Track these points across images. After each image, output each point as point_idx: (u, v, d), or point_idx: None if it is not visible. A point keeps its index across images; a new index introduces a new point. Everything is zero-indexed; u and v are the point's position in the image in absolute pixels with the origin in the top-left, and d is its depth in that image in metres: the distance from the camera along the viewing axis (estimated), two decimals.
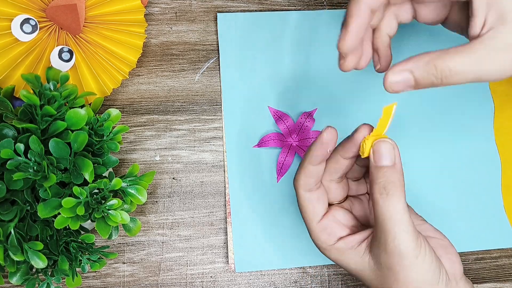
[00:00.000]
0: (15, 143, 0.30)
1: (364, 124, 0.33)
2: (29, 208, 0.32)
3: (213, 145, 0.46)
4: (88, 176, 0.32)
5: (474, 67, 0.28)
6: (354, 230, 0.35)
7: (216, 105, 0.46)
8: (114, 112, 0.35)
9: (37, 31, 0.40)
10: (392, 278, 0.31)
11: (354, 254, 0.33)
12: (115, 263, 0.43)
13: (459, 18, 0.34)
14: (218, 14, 0.47)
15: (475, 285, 0.46)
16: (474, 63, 0.28)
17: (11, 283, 0.37)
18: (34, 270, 0.34)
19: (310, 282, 0.44)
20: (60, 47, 0.41)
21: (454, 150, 0.47)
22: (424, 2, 0.33)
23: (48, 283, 0.33)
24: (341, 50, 0.32)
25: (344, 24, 0.32)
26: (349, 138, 0.33)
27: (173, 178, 0.45)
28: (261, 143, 0.45)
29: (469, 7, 0.29)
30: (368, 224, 0.36)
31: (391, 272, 0.31)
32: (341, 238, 0.34)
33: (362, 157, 0.32)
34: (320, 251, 0.35)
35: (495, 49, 0.28)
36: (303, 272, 0.45)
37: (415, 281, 0.30)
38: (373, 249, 0.32)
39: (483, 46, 0.28)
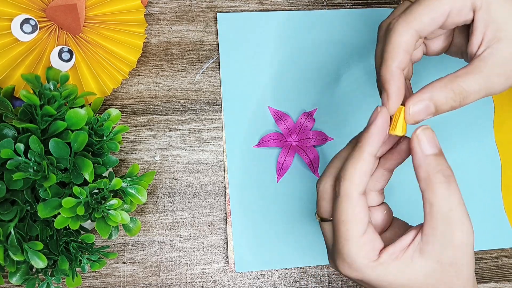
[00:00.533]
0: (15, 143, 0.30)
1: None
2: (29, 208, 0.32)
3: (213, 145, 0.46)
4: (88, 176, 0.32)
5: (484, 85, 0.29)
6: (386, 242, 0.31)
7: (216, 105, 0.46)
8: (114, 112, 0.35)
9: (37, 31, 0.40)
10: (454, 274, 0.29)
11: (401, 265, 0.29)
12: (115, 263, 0.43)
13: (460, 42, 0.35)
14: (218, 14, 0.47)
15: None
16: (483, 81, 0.29)
17: (11, 283, 0.37)
18: (34, 270, 0.34)
19: (310, 282, 0.44)
20: (60, 47, 0.41)
21: (454, 150, 0.47)
22: (433, 37, 0.34)
23: (48, 283, 0.33)
24: (390, 113, 0.31)
25: (383, 89, 0.31)
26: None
27: (173, 178, 0.45)
28: (261, 143, 0.45)
29: (469, 29, 0.30)
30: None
31: (453, 268, 0.29)
32: (381, 250, 0.30)
33: (394, 134, 0.30)
34: (351, 273, 0.30)
35: (495, 65, 0.29)
36: (303, 272, 0.45)
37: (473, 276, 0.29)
38: (427, 249, 0.29)
39: (485, 63, 0.29)
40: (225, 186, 0.45)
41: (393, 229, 0.33)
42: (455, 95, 0.29)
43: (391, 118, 0.31)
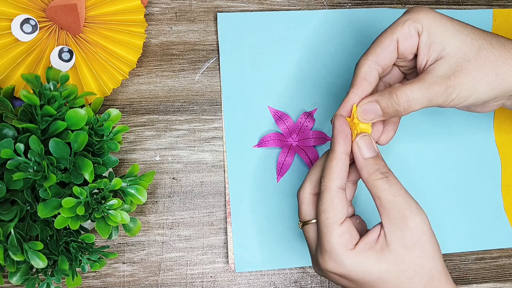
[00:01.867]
0: (15, 143, 0.30)
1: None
2: (29, 208, 0.32)
3: (213, 145, 0.46)
4: (88, 176, 0.32)
5: (426, 93, 0.34)
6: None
7: (216, 105, 0.46)
8: (114, 112, 0.35)
9: (37, 31, 0.40)
10: (420, 255, 0.32)
11: (375, 254, 0.33)
12: (115, 263, 0.43)
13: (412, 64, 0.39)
14: (218, 14, 0.47)
15: (475, 285, 0.46)
16: (425, 90, 0.34)
17: (11, 283, 0.37)
18: (34, 270, 0.34)
19: (310, 282, 0.44)
20: (60, 47, 0.41)
21: (454, 150, 0.47)
22: (402, 65, 0.39)
23: (48, 283, 0.33)
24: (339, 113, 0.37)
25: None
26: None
27: (173, 178, 0.45)
28: (261, 143, 0.45)
29: (417, 52, 0.36)
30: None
31: (418, 249, 0.32)
32: (357, 242, 0.33)
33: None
34: (333, 267, 0.33)
35: (436, 77, 0.34)
36: (303, 272, 0.45)
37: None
38: (391, 238, 0.32)
39: (429, 76, 0.34)
40: (225, 186, 0.45)
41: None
42: (399, 101, 0.34)
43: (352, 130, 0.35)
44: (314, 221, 0.36)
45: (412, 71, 0.39)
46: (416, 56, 0.36)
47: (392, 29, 0.35)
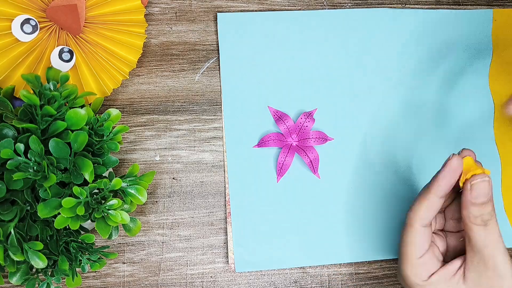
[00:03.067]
0: (15, 143, 0.30)
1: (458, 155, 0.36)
2: (29, 208, 0.32)
3: (213, 145, 0.46)
4: (88, 176, 0.32)
5: None
6: (441, 264, 0.37)
7: (216, 105, 0.46)
8: (114, 112, 0.35)
9: (37, 31, 0.40)
10: None
11: (449, 285, 0.35)
12: (115, 263, 0.43)
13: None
14: (218, 14, 0.47)
15: None
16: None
17: (11, 283, 0.37)
18: (34, 270, 0.34)
19: (310, 282, 0.44)
20: (60, 47, 0.41)
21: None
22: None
23: (48, 283, 0.33)
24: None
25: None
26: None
27: (173, 178, 0.45)
28: (261, 143, 0.45)
29: None
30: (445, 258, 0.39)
31: None
32: (434, 272, 0.36)
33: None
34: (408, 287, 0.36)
35: None
36: (303, 272, 0.45)
37: None
38: (468, 275, 0.35)
39: None
40: (225, 186, 0.45)
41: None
42: None
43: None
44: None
45: None
46: None
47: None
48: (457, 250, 0.39)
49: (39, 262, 0.30)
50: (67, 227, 0.34)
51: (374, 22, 0.49)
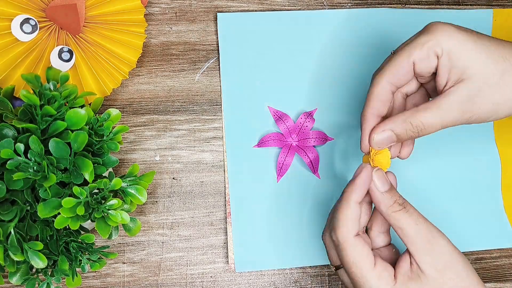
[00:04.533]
0: (15, 143, 0.30)
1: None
2: (29, 208, 0.32)
3: (213, 145, 0.46)
4: (88, 176, 0.32)
5: (440, 119, 0.34)
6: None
7: (216, 105, 0.46)
8: (114, 112, 0.35)
9: (37, 31, 0.40)
10: (454, 276, 0.33)
11: (415, 283, 0.33)
12: (115, 263, 0.43)
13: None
14: (218, 14, 0.47)
15: None
16: (440, 116, 0.34)
17: (11, 283, 0.37)
18: (34, 270, 0.34)
19: (310, 282, 0.44)
20: (60, 47, 0.41)
21: (454, 150, 0.47)
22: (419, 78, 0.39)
23: (48, 283, 0.33)
24: (363, 151, 0.37)
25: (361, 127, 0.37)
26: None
27: (173, 178, 0.45)
28: (261, 143, 0.45)
29: (436, 72, 0.35)
30: None
31: (451, 271, 0.33)
32: (394, 275, 0.34)
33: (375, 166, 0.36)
34: None
35: (453, 102, 0.33)
36: (303, 272, 0.45)
37: None
38: (423, 266, 0.33)
39: (446, 100, 0.33)
40: (225, 186, 0.45)
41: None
42: (413, 127, 0.34)
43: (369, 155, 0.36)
44: None
45: (429, 81, 0.38)
46: (434, 74, 0.36)
47: (409, 51, 0.34)
48: (392, 264, 0.36)
49: (39, 262, 0.30)
50: (67, 227, 0.34)
51: (374, 22, 0.49)
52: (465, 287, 0.33)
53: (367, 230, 0.37)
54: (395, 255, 0.37)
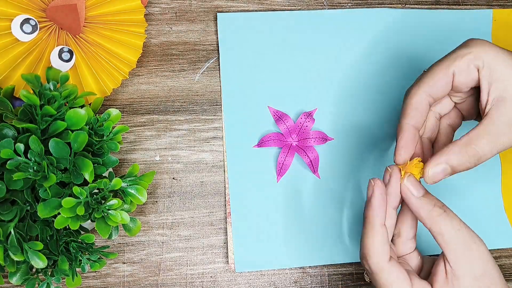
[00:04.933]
0: (15, 143, 0.30)
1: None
2: (29, 208, 0.32)
3: (213, 145, 0.46)
4: (88, 176, 0.32)
5: (494, 145, 0.32)
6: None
7: (216, 105, 0.46)
8: (114, 112, 0.35)
9: (37, 31, 0.40)
10: (490, 283, 0.32)
11: None
12: (115, 263, 0.43)
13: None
14: (218, 14, 0.47)
15: None
16: (493, 142, 0.32)
17: (11, 283, 0.37)
18: (34, 270, 0.34)
19: (310, 282, 0.44)
20: (60, 47, 0.41)
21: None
22: (457, 99, 0.38)
23: (48, 283, 0.33)
24: (398, 163, 0.36)
25: (396, 138, 0.36)
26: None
27: (173, 178, 0.45)
28: (261, 143, 0.45)
29: (479, 87, 0.34)
30: None
31: (487, 278, 0.32)
32: (432, 281, 0.33)
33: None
34: None
35: (502, 125, 0.32)
36: (303, 272, 0.45)
37: None
38: (459, 272, 0.32)
39: (493, 124, 0.32)
40: (225, 186, 0.45)
41: (424, 267, 0.37)
42: (470, 158, 0.33)
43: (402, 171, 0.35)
44: None
45: (464, 101, 0.38)
46: (471, 91, 0.35)
47: (448, 62, 0.34)
48: (418, 269, 0.37)
49: (39, 262, 0.30)
50: (67, 227, 0.34)
51: (374, 22, 0.49)
52: None
53: (393, 237, 0.37)
54: (420, 261, 0.36)
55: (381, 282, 0.33)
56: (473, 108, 0.38)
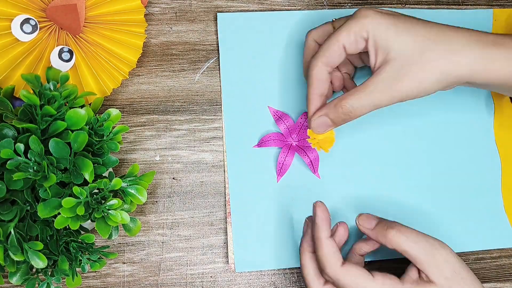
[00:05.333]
0: (15, 143, 0.30)
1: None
2: (29, 208, 0.32)
3: (213, 145, 0.46)
4: (88, 176, 0.32)
5: (368, 101, 0.37)
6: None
7: (216, 105, 0.46)
8: (114, 112, 0.35)
9: (37, 31, 0.40)
10: (461, 283, 0.36)
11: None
12: (115, 263, 0.43)
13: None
14: (218, 14, 0.47)
15: None
16: (368, 98, 0.37)
17: (11, 283, 0.37)
18: (34, 270, 0.34)
19: None
20: (60, 47, 0.41)
21: (455, 150, 0.47)
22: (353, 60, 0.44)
23: (48, 283, 0.33)
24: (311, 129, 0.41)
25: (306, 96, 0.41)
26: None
27: (173, 178, 0.45)
28: (261, 143, 0.45)
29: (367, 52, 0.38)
30: None
31: (456, 278, 0.36)
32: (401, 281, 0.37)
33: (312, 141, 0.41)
34: None
35: (379, 83, 0.36)
36: None
37: None
38: (431, 275, 0.36)
39: (373, 82, 0.36)
40: (225, 186, 0.45)
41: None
42: (344, 111, 0.38)
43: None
44: None
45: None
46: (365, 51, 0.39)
47: (338, 36, 0.38)
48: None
49: (39, 262, 0.30)
50: (67, 227, 0.34)
51: None
52: None
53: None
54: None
55: (345, 283, 0.36)
56: (360, 59, 0.43)
